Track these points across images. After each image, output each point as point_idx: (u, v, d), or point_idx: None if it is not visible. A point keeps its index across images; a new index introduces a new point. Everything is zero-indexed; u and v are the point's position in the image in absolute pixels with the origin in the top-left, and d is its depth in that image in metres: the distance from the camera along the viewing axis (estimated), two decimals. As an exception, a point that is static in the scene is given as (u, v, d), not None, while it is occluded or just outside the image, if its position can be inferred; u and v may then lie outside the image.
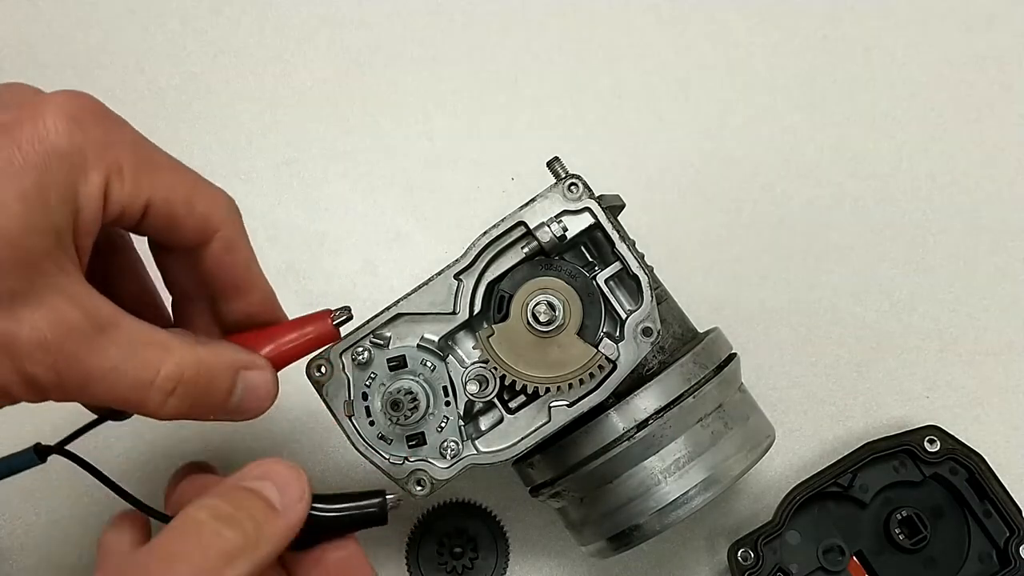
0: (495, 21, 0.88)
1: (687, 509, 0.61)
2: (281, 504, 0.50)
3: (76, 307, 0.47)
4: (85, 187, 0.46)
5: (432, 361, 0.61)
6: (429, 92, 0.86)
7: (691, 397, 0.61)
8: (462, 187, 0.84)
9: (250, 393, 0.55)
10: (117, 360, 0.48)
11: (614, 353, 0.59)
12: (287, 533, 0.50)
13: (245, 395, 0.55)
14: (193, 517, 0.48)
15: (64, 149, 0.45)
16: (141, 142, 0.50)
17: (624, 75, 0.87)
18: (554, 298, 0.59)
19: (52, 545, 0.76)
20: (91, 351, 0.47)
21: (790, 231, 0.83)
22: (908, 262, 0.83)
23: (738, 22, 0.88)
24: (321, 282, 0.82)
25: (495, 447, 0.61)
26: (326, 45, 0.87)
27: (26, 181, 0.44)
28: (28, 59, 0.86)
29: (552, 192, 0.60)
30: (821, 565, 0.70)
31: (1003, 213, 0.83)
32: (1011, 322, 0.81)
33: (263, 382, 0.56)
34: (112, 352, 0.48)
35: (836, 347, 0.81)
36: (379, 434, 0.61)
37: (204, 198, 0.52)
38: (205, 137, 0.84)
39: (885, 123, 0.85)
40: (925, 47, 0.87)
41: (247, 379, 0.55)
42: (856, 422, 0.80)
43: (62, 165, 0.45)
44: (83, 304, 0.47)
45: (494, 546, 0.76)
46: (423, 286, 0.61)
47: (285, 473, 0.51)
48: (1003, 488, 0.71)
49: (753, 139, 0.85)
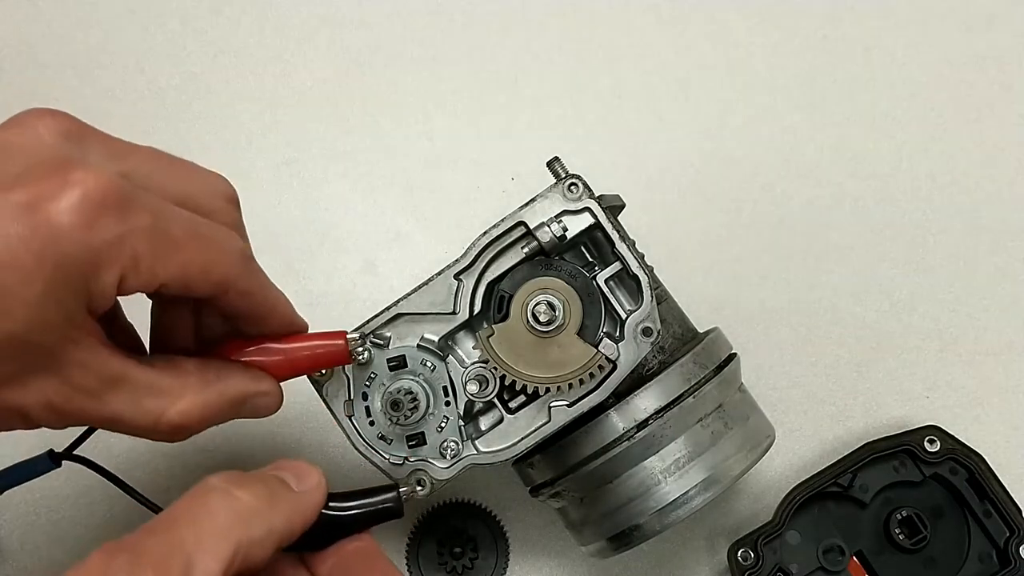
0: (495, 21, 0.88)
1: (687, 509, 0.61)
2: (298, 487, 0.51)
3: (84, 371, 0.48)
4: (98, 285, 0.46)
5: (432, 361, 0.61)
6: (429, 92, 0.86)
7: (691, 397, 0.61)
8: (462, 187, 0.84)
9: (253, 413, 0.56)
10: (122, 409, 0.50)
11: (614, 353, 0.59)
12: (304, 512, 0.50)
13: (248, 414, 0.56)
14: (205, 483, 0.48)
15: (78, 254, 0.44)
16: (157, 226, 0.48)
17: (624, 75, 0.87)
18: (554, 298, 0.59)
19: (52, 545, 0.76)
20: (97, 405, 0.49)
21: (790, 231, 0.83)
22: (908, 262, 0.83)
23: (738, 22, 0.88)
24: (321, 282, 0.82)
25: (495, 447, 0.61)
26: (326, 45, 0.87)
27: (37, 285, 0.44)
28: (28, 59, 0.86)
29: (552, 192, 0.60)
30: (821, 565, 0.70)
31: (1003, 213, 0.83)
32: (1011, 322, 0.81)
33: (267, 405, 0.57)
34: (117, 404, 0.49)
35: (836, 347, 0.81)
36: (379, 434, 0.61)
37: (220, 263, 0.51)
38: (205, 137, 0.84)
39: (885, 123, 0.85)
40: (925, 47, 0.87)
41: (252, 404, 0.56)
42: (856, 422, 0.80)
43: (76, 268, 0.45)
44: (91, 367, 0.48)
45: (494, 546, 0.76)
46: (423, 286, 0.61)
47: (301, 464, 0.52)
48: (1003, 488, 0.71)
49: (753, 139, 0.85)
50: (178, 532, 0.44)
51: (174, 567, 0.43)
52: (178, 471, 0.78)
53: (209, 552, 0.44)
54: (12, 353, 0.45)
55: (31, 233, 0.43)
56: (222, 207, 0.54)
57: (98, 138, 0.50)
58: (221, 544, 0.44)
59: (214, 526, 0.45)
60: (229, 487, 0.47)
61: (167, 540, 0.44)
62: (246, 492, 0.47)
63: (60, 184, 0.44)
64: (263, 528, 0.47)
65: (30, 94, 0.85)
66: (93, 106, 0.85)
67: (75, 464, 0.60)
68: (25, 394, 0.47)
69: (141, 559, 0.43)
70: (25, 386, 0.47)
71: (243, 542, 0.45)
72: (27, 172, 0.45)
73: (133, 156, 0.51)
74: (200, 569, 0.43)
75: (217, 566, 0.44)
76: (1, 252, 0.43)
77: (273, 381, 0.57)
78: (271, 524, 0.47)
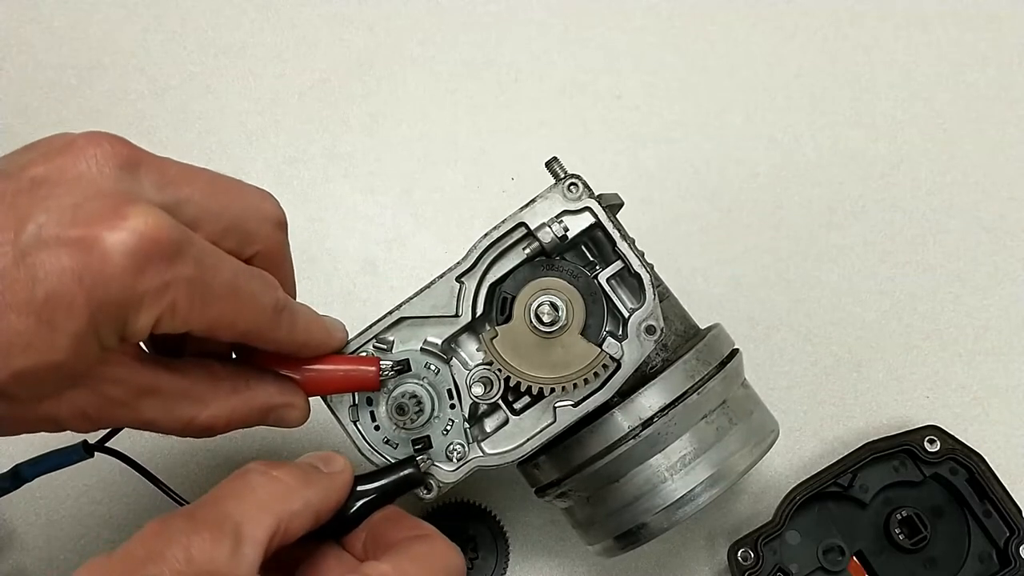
0: (495, 21, 0.88)
1: (694, 506, 0.61)
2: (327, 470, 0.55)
3: (116, 385, 0.50)
4: (134, 326, 0.47)
5: (436, 364, 0.61)
6: (429, 92, 0.86)
7: (695, 394, 0.61)
8: (462, 187, 0.84)
9: (278, 423, 0.58)
10: (154, 416, 0.52)
11: (618, 352, 0.59)
12: (337, 489, 0.54)
13: (274, 423, 0.58)
14: (246, 467, 0.51)
15: (122, 296, 0.45)
16: (200, 279, 0.48)
17: (624, 75, 0.87)
18: (556, 298, 0.59)
19: (53, 545, 0.76)
20: (129, 412, 0.52)
21: (790, 231, 0.83)
22: (908, 262, 0.83)
23: (738, 22, 0.88)
24: (321, 282, 0.82)
25: (501, 449, 0.61)
26: (326, 45, 0.87)
27: (82, 320, 0.44)
28: (28, 59, 0.86)
29: (552, 192, 0.60)
30: (821, 565, 0.70)
31: (1003, 213, 0.83)
32: (1011, 322, 0.81)
33: (294, 418, 0.58)
34: (148, 412, 0.52)
35: (836, 347, 0.81)
36: (385, 438, 0.61)
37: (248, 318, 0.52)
38: (205, 137, 0.84)
39: (885, 123, 0.86)
40: (925, 47, 0.87)
41: (278, 414, 0.58)
42: (856, 422, 0.80)
43: (118, 308, 0.45)
44: (123, 381, 0.50)
45: (494, 546, 0.76)
46: (425, 289, 0.61)
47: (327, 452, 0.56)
48: (1003, 488, 0.71)
49: (753, 139, 0.85)
50: (225, 505, 0.48)
51: (226, 531, 0.46)
52: (178, 471, 0.78)
53: (255, 521, 0.48)
54: (52, 378, 0.46)
55: (83, 270, 0.44)
56: (268, 232, 0.55)
57: (153, 166, 0.49)
58: (265, 516, 0.48)
59: (257, 501, 0.49)
60: (268, 469, 0.51)
61: (217, 511, 0.48)
62: (283, 473, 0.51)
63: (115, 223, 0.45)
64: (300, 503, 0.50)
65: (30, 94, 0.84)
66: (93, 106, 0.85)
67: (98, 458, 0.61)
68: (59, 406, 0.49)
69: (196, 524, 0.46)
70: (59, 399, 0.48)
71: (284, 515, 0.49)
72: (83, 205, 0.45)
73: (187, 185, 0.50)
74: (248, 535, 0.47)
75: (263, 534, 0.47)
76: (54, 284, 0.44)
77: (302, 395, 0.58)
78: (307, 499, 0.51)
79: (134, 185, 0.48)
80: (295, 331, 0.56)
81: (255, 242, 0.54)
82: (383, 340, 0.61)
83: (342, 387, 0.59)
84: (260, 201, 0.55)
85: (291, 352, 0.57)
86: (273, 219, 0.56)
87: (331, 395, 0.61)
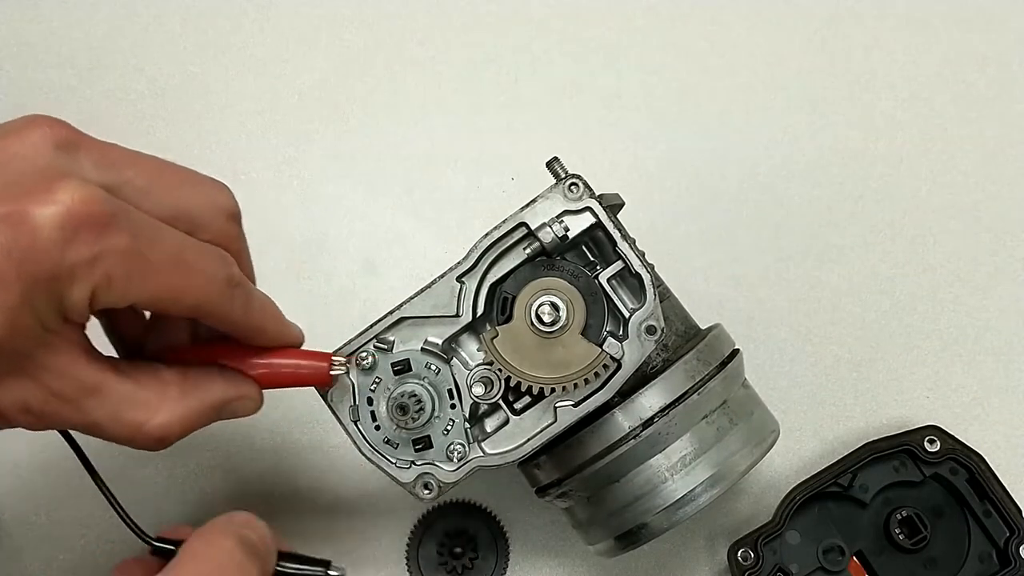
0: (495, 21, 0.87)
1: (694, 506, 0.61)
2: None
3: (60, 377, 0.49)
4: (70, 299, 0.46)
5: (436, 364, 0.61)
6: (429, 92, 0.86)
7: (696, 394, 0.61)
8: (462, 187, 0.84)
9: (232, 415, 0.57)
10: (100, 418, 0.51)
11: (618, 352, 0.59)
12: None
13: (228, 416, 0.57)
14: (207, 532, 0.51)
15: (53, 268, 0.45)
16: (134, 249, 0.48)
17: (624, 75, 0.87)
18: (557, 298, 0.59)
19: (53, 545, 0.76)
20: (74, 411, 0.50)
21: (790, 231, 0.83)
22: (908, 262, 0.83)
23: (738, 22, 0.88)
24: (321, 282, 0.82)
25: (502, 449, 0.61)
26: (326, 45, 0.87)
27: (14, 293, 0.44)
28: (28, 59, 0.85)
29: (553, 192, 0.60)
30: (821, 565, 0.70)
31: (1003, 213, 0.83)
32: (1011, 322, 0.81)
33: (247, 408, 0.58)
34: (95, 413, 0.50)
35: (836, 347, 0.81)
36: (385, 438, 0.61)
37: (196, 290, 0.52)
38: (205, 137, 0.84)
39: (885, 123, 0.86)
40: (925, 47, 0.87)
41: (232, 407, 0.57)
42: (856, 422, 0.80)
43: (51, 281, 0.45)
44: (67, 374, 0.49)
45: (494, 546, 0.76)
46: (425, 289, 0.61)
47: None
48: (1003, 488, 0.71)
49: (753, 139, 0.85)
50: None
51: None
52: (178, 471, 0.78)
53: None
54: None
55: (12, 244, 0.44)
56: (219, 223, 0.54)
57: (94, 148, 0.49)
58: None
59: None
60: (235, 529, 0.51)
61: None
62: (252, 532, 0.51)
63: (45, 197, 0.45)
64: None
65: (30, 94, 0.84)
66: (93, 106, 0.85)
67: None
68: (1, 394, 0.48)
69: None
70: (1, 387, 0.48)
71: None
72: (16, 182, 0.45)
73: (130, 168, 0.50)
74: None
75: None
76: None
77: (254, 385, 0.57)
78: None
79: (70, 164, 0.48)
80: (250, 312, 0.55)
81: (204, 232, 0.53)
82: (383, 340, 0.61)
83: (294, 382, 0.59)
84: (212, 191, 0.55)
85: (245, 337, 0.56)
86: (226, 210, 0.55)
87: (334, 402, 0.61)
